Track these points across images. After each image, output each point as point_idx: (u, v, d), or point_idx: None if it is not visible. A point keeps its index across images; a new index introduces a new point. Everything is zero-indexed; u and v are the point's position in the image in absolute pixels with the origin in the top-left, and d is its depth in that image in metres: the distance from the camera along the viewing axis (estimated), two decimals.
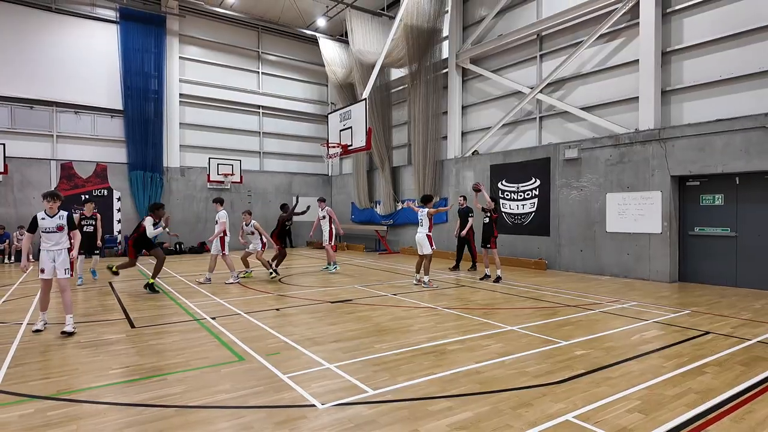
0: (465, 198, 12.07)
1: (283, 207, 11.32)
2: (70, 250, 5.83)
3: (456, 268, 11.88)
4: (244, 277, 10.48)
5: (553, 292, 8.52)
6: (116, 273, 9.31)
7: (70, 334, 5.53)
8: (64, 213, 5.81)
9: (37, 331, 5.68)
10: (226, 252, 9.87)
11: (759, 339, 5.28)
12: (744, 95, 8.99)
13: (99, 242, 10.05)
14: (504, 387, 3.82)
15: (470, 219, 11.52)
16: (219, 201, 10.28)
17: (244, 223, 10.39)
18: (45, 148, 15.47)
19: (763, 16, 8.71)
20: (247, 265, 10.62)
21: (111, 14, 16.30)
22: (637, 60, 10.36)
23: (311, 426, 3.16)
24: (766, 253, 8.61)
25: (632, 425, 3.12)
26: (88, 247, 9.71)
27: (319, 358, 4.62)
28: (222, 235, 9.77)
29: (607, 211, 10.72)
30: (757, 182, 8.74)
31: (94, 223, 9.87)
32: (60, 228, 5.74)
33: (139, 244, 8.77)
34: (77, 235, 6.17)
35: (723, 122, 8.90)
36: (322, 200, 12.27)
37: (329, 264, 11.70)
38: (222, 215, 9.86)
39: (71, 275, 5.88)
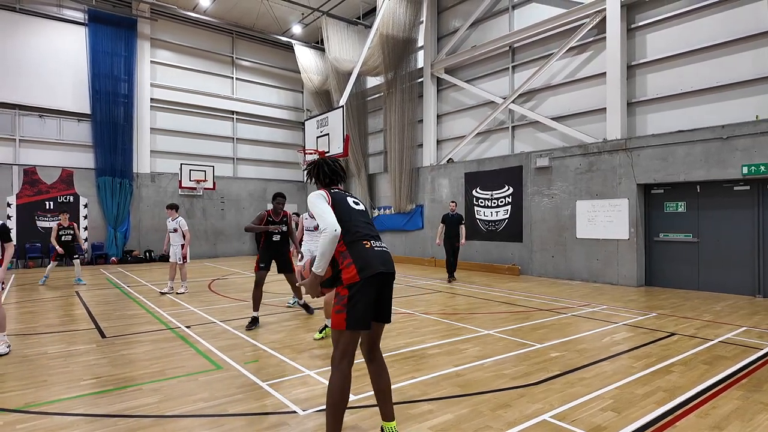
0: (456, 203, 11.37)
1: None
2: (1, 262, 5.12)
3: (452, 278, 11.04)
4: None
5: (526, 297, 8.71)
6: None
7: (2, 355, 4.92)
8: None
9: None
10: (188, 260, 9.61)
11: (720, 339, 5.55)
12: (703, 108, 9.48)
13: (83, 246, 11.00)
14: (483, 389, 3.90)
15: (462, 227, 10.92)
16: (175, 207, 9.54)
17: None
18: (6, 152, 14.85)
19: (719, 34, 9.23)
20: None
21: (79, 16, 15.85)
22: (605, 72, 10.78)
23: None
24: (724, 257, 9.06)
25: (606, 423, 3.24)
26: (68, 255, 10.78)
27: (298, 365, 4.60)
28: (183, 242, 9.42)
29: (577, 217, 11.05)
30: (716, 190, 9.20)
31: (72, 232, 10.79)
32: None
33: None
34: (10, 249, 5.37)
35: (684, 133, 9.35)
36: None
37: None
38: (184, 222, 9.49)
39: (2, 288, 5.21)
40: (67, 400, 3.72)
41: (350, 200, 2.98)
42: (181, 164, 17.52)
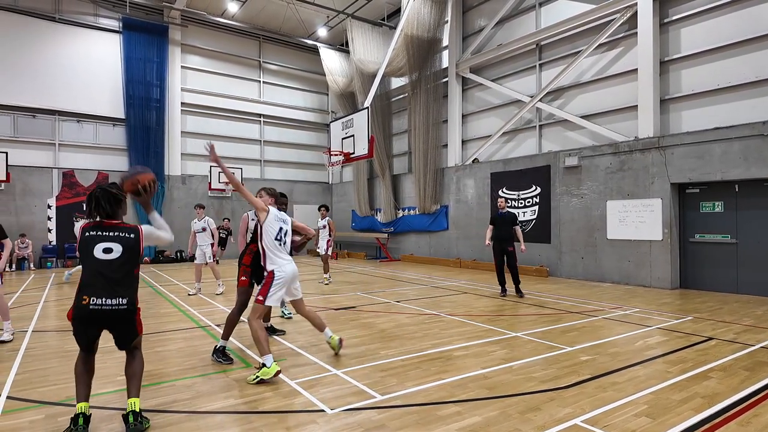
0: (504, 199, 9.77)
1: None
2: None
3: (504, 292, 9.12)
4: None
5: (555, 299, 8.55)
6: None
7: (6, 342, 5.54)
8: None
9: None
10: (217, 259, 9.88)
11: (762, 345, 5.31)
12: (741, 104, 9.11)
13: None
14: (512, 392, 3.84)
15: (518, 228, 9.15)
16: (202, 206, 9.81)
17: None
18: (47, 156, 15.53)
19: (758, 27, 8.85)
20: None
21: (114, 24, 16.45)
22: (636, 69, 10.49)
23: (322, 431, 3.17)
24: (766, 259, 8.66)
25: (640, 429, 3.15)
26: None
27: (325, 364, 4.64)
28: (212, 242, 9.56)
29: (608, 218, 10.78)
30: (756, 189, 8.81)
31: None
32: None
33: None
34: (8, 245, 5.74)
35: (721, 130, 9.00)
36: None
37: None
38: (212, 221, 9.69)
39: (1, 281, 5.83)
40: (104, 395, 3.85)
41: (99, 247, 3.17)
42: (211, 167, 17.91)
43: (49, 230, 15.32)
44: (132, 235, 3.27)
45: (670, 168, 9.70)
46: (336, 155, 11.70)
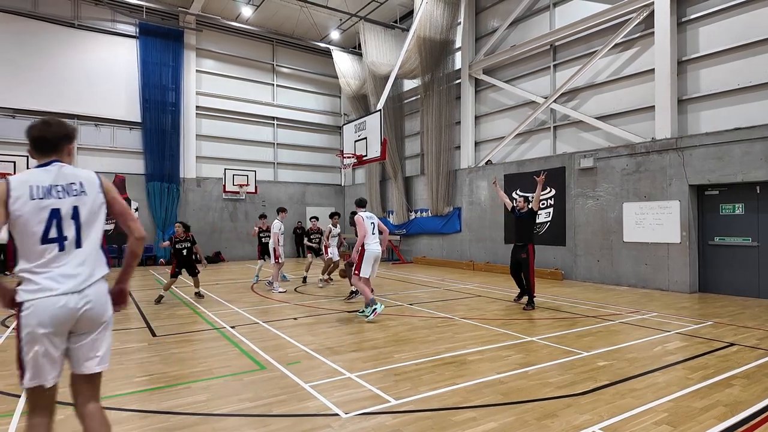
0: (525, 199, 8.45)
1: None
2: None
3: (522, 296, 8.42)
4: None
5: (570, 303, 8.44)
6: None
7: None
8: None
9: None
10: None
11: None
12: (763, 103, 8.89)
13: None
14: (528, 398, 3.80)
15: (531, 197, 8.13)
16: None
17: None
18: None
19: None
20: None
21: (131, 29, 16.72)
22: (653, 69, 10.32)
23: None
24: None
25: None
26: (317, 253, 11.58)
27: (339, 367, 4.64)
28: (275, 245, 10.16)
29: (624, 220, 10.61)
30: None
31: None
32: None
33: None
34: None
35: (742, 131, 8.81)
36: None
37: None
38: (277, 224, 10.39)
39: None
40: (122, 396, 3.90)
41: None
42: (225, 169, 18.13)
43: None
44: None
45: (688, 169, 9.52)
46: (348, 158, 11.71)
